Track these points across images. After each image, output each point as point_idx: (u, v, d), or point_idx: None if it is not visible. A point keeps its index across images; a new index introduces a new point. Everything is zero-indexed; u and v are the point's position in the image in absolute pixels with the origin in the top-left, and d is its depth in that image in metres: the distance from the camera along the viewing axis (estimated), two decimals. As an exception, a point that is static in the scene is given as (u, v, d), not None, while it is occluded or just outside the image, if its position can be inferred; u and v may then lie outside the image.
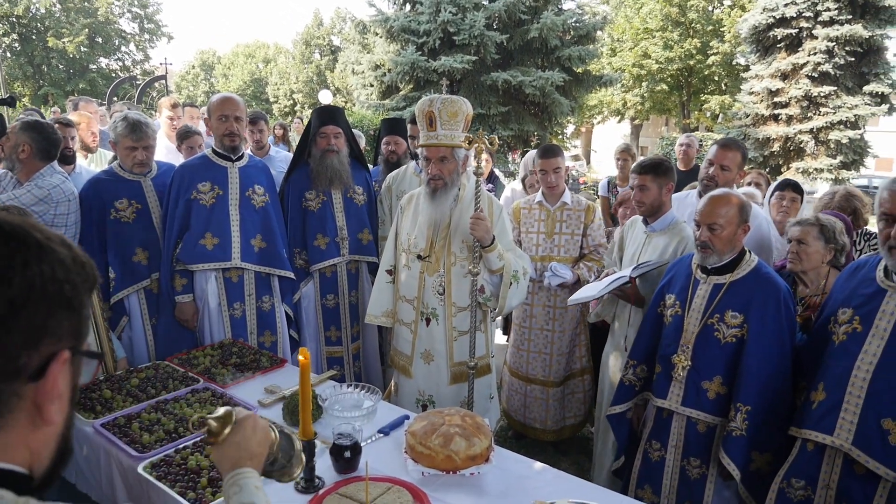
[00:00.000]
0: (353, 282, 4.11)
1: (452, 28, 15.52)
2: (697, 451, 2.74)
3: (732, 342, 2.61)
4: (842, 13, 14.81)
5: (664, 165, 3.32)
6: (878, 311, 2.19)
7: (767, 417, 2.53)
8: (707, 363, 2.67)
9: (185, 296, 3.53)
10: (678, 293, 2.82)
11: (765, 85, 15.96)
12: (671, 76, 26.93)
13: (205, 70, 53.07)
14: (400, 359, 3.30)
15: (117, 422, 2.44)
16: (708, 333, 2.67)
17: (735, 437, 2.54)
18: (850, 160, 15.42)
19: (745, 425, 2.52)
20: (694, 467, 2.75)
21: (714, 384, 2.66)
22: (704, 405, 2.68)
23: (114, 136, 3.50)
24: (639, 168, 3.36)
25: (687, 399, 2.72)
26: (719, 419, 2.67)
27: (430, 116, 2.96)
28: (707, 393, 2.67)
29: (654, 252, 3.30)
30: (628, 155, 6.07)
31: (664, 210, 3.32)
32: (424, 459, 2.16)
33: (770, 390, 2.53)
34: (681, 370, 2.73)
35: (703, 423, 2.71)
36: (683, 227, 3.27)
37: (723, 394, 2.65)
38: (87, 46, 31.74)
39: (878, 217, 2.19)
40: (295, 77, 42.44)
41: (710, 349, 2.66)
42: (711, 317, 2.66)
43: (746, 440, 2.53)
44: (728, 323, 2.62)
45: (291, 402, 2.50)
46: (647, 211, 3.34)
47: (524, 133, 16.54)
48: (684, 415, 2.74)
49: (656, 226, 3.33)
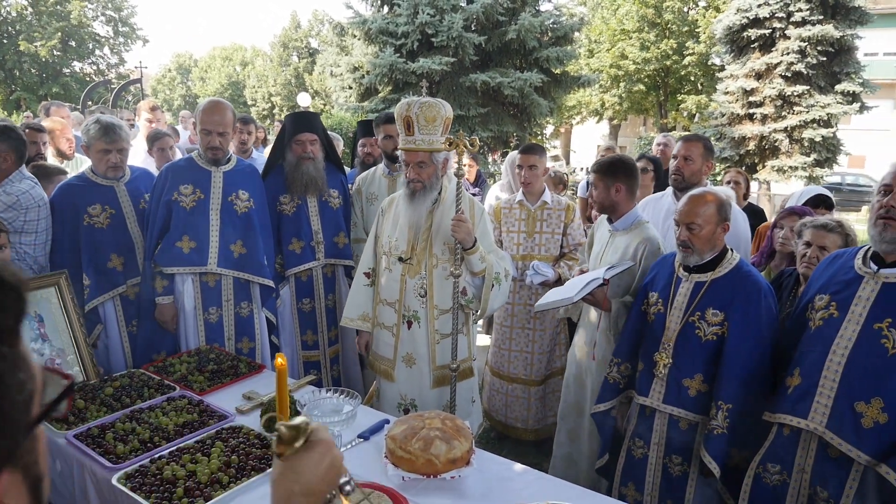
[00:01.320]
0: (330, 285, 4.09)
1: (430, 30, 15.49)
2: (679, 448, 2.76)
3: (713, 340, 2.63)
4: (813, 14, 15.03)
5: (615, 165, 3.25)
6: (854, 296, 2.22)
7: (747, 414, 2.55)
8: (688, 361, 2.69)
9: (166, 297, 3.48)
10: (661, 291, 2.84)
11: (739, 84, 16.14)
12: (648, 77, 27.17)
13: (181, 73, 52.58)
14: (381, 363, 3.28)
15: (91, 432, 2.40)
16: (689, 331, 2.69)
17: (716, 435, 2.56)
18: (824, 158, 15.64)
19: (726, 423, 2.54)
20: (676, 465, 2.77)
21: (695, 382, 2.68)
22: (685, 403, 2.71)
23: (86, 139, 3.45)
24: (594, 167, 3.42)
25: (668, 396, 2.74)
26: (700, 417, 2.69)
27: (408, 121, 2.95)
28: (688, 391, 2.70)
29: (615, 252, 3.23)
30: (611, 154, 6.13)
31: (620, 210, 3.25)
32: (405, 464, 2.14)
33: (750, 389, 2.55)
34: (662, 368, 2.76)
35: (684, 420, 2.73)
36: (646, 228, 3.21)
37: (703, 391, 2.67)
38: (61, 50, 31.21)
39: (876, 191, 2.21)
40: (273, 80, 42.15)
41: (691, 347, 2.68)
42: (692, 315, 2.69)
43: (727, 438, 2.54)
44: (709, 321, 2.64)
45: (269, 409, 2.48)
46: (599, 209, 3.33)
47: (503, 134, 16.56)
48: (666, 412, 2.77)
49: (619, 225, 3.27)
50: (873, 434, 2.09)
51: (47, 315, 2.88)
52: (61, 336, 2.90)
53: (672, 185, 3.76)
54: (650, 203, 3.97)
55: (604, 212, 3.31)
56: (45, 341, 2.85)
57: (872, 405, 2.10)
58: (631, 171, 3.24)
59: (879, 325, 2.13)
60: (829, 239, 2.88)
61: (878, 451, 2.08)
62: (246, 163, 3.83)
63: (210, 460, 2.18)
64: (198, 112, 3.50)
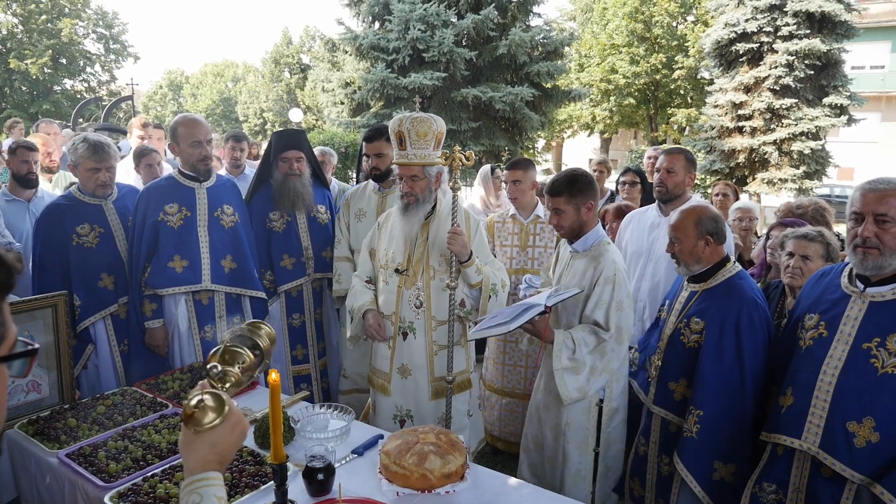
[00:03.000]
0: (318, 299, 4.16)
1: (422, 45, 15.61)
2: (668, 449, 2.86)
3: (694, 347, 2.73)
4: (800, 28, 15.24)
5: (579, 182, 2.95)
6: (842, 316, 2.23)
7: (722, 425, 2.59)
8: (674, 365, 2.83)
9: (156, 321, 3.46)
10: (670, 298, 3.04)
11: (729, 98, 16.32)
12: (638, 90, 27.42)
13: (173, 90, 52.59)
14: (378, 377, 3.27)
15: (83, 451, 2.38)
16: (675, 337, 2.83)
17: (686, 437, 2.68)
18: (813, 170, 15.80)
19: (696, 428, 2.63)
20: (665, 464, 2.90)
21: (680, 386, 2.81)
22: (670, 406, 2.84)
23: (74, 158, 3.41)
24: (549, 188, 3.01)
25: (658, 398, 2.90)
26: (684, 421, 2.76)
27: (401, 136, 2.98)
28: (674, 394, 2.83)
29: (573, 277, 3.04)
30: (604, 167, 6.15)
31: (587, 229, 3.00)
32: (399, 479, 2.14)
33: (723, 397, 2.60)
34: (653, 370, 2.92)
35: (673, 423, 2.86)
36: (605, 251, 2.94)
37: (688, 396, 2.76)
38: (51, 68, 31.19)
39: (847, 217, 2.23)
40: (265, 96, 42.24)
41: (676, 352, 2.81)
42: (681, 321, 2.81)
43: (699, 445, 2.62)
44: (692, 328, 2.76)
45: (263, 425, 2.46)
46: (567, 235, 3.05)
47: (495, 148, 16.65)
48: (660, 415, 2.90)
49: (577, 246, 3.04)
50: (866, 453, 2.09)
51: (38, 336, 2.86)
52: (48, 357, 2.88)
53: (656, 198, 3.83)
54: (635, 216, 4.01)
55: (570, 235, 3.02)
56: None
57: (864, 425, 2.11)
58: (593, 183, 3.01)
59: (868, 345, 2.14)
60: (811, 248, 2.93)
61: (871, 471, 2.08)
62: (225, 177, 3.85)
63: (203, 478, 2.16)
64: (177, 131, 3.43)
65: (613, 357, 2.89)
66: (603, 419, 3.03)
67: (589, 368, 2.88)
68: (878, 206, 2.10)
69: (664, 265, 3.68)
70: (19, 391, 2.78)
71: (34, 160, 4.33)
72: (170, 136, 3.55)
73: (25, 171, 4.23)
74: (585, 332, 2.89)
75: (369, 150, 3.95)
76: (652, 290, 3.73)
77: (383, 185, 4.01)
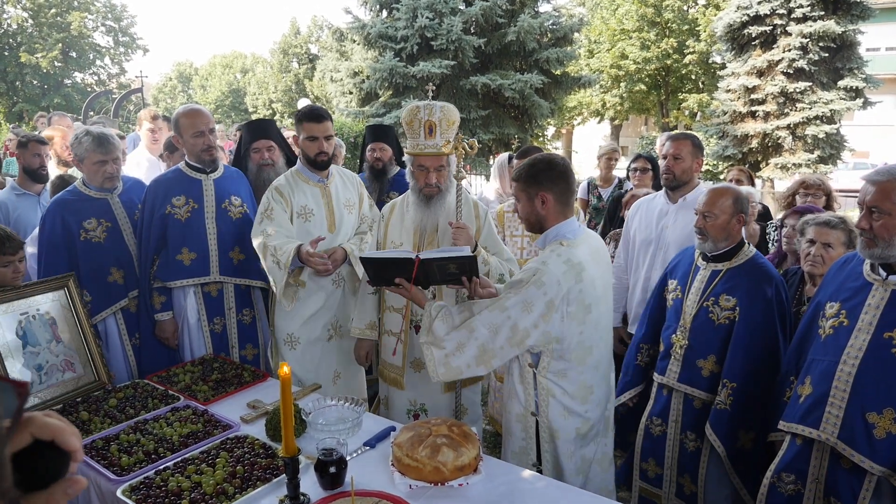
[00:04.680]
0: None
1: (430, 33, 15.50)
2: (693, 425, 2.95)
3: (725, 324, 2.81)
4: (814, 9, 14.96)
5: (534, 169, 2.49)
6: (863, 304, 2.19)
7: (751, 395, 2.71)
8: (702, 343, 2.88)
9: (165, 313, 3.46)
10: (680, 278, 3.06)
11: (741, 82, 16.08)
12: (649, 76, 27.13)
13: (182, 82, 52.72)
14: (391, 371, 3.25)
15: (95, 444, 2.38)
16: (703, 315, 2.88)
17: (719, 410, 2.77)
18: (828, 154, 15.56)
19: (729, 401, 2.74)
20: (690, 440, 2.97)
21: (708, 363, 2.87)
22: (698, 382, 2.90)
23: (79, 152, 3.38)
24: (513, 174, 2.63)
25: (683, 376, 2.95)
26: (712, 396, 2.86)
27: (430, 125, 2.90)
28: (702, 371, 2.89)
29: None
30: (615, 155, 6.05)
31: (546, 224, 2.52)
32: (412, 472, 2.12)
33: (754, 370, 2.73)
34: (679, 349, 2.95)
35: (698, 399, 2.92)
36: (550, 254, 2.41)
37: (716, 372, 2.85)
38: (61, 61, 31.34)
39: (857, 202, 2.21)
40: (273, 86, 42.23)
41: (705, 330, 2.87)
42: (707, 300, 2.88)
43: (729, 415, 2.74)
44: (722, 305, 2.83)
45: (274, 418, 2.45)
46: (528, 229, 2.65)
47: (505, 136, 16.54)
48: (682, 391, 2.96)
49: (539, 242, 2.60)
50: (886, 444, 2.06)
51: (59, 317, 2.89)
52: (73, 337, 2.91)
53: (664, 184, 3.79)
54: (643, 204, 3.95)
55: (532, 230, 2.61)
56: (60, 342, 2.86)
57: (885, 415, 2.07)
58: (558, 174, 2.47)
59: (889, 334, 2.10)
60: (833, 236, 2.89)
61: (891, 462, 2.05)
62: (233, 169, 3.82)
63: (215, 471, 2.16)
64: (180, 123, 3.42)
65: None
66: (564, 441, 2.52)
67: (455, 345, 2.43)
68: (870, 197, 2.12)
69: (674, 253, 3.62)
70: (55, 370, 2.81)
71: (46, 154, 4.34)
72: (173, 128, 3.54)
73: (38, 165, 4.23)
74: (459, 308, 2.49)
75: (312, 131, 3.32)
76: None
77: (320, 174, 3.39)
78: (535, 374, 2.46)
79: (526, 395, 2.51)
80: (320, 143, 3.28)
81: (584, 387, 2.46)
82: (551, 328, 2.34)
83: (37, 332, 2.80)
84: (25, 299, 2.81)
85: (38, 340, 2.79)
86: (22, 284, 2.91)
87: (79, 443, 0.78)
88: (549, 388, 2.44)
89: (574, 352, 2.41)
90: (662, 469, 3.09)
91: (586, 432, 2.50)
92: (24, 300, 2.81)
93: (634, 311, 3.91)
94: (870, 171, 2.20)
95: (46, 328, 2.84)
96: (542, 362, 2.43)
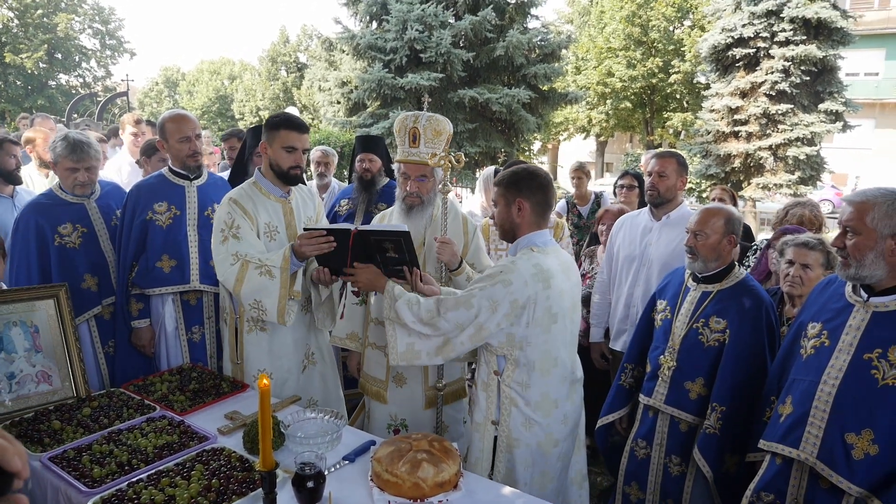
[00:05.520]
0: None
1: (419, 45, 15.58)
2: (678, 449, 2.91)
3: (715, 346, 2.79)
4: (797, 34, 15.25)
5: (517, 176, 2.54)
6: (845, 325, 2.20)
7: (739, 419, 2.68)
8: (691, 365, 2.85)
9: (142, 321, 3.39)
10: (669, 299, 3.03)
11: (725, 103, 16.31)
12: (634, 94, 27.45)
13: (168, 87, 52.37)
14: (373, 384, 3.20)
15: (66, 454, 2.32)
16: (693, 337, 2.88)
17: (708, 434, 2.73)
18: (808, 176, 15.81)
19: (718, 424, 2.71)
20: (675, 465, 2.92)
21: (696, 385, 2.84)
22: (685, 405, 2.86)
23: (53, 156, 3.34)
24: (496, 179, 2.68)
25: (670, 398, 2.91)
26: (699, 419, 2.83)
27: (415, 133, 2.89)
28: (689, 393, 2.85)
29: None
30: (582, 173, 6.06)
31: (519, 232, 2.55)
32: (391, 487, 2.09)
33: (743, 393, 2.69)
34: (666, 370, 2.92)
35: (684, 422, 2.89)
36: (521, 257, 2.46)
37: (703, 395, 2.82)
38: (46, 62, 31.05)
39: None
40: (261, 94, 42.10)
41: (694, 351, 2.84)
42: (697, 321, 2.85)
43: (718, 439, 2.70)
44: (712, 328, 2.81)
45: (252, 430, 2.40)
46: (501, 234, 2.64)
47: (491, 150, 16.62)
48: (668, 413, 2.92)
49: (512, 249, 2.62)
50: (864, 466, 2.06)
51: (43, 327, 2.83)
52: (55, 349, 2.85)
53: (648, 201, 3.81)
54: (627, 220, 3.98)
55: (506, 237, 2.61)
56: (39, 352, 2.80)
57: (863, 436, 2.08)
58: (538, 185, 2.52)
59: (869, 356, 2.11)
60: (812, 257, 2.92)
61: (870, 484, 2.05)
62: (217, 176, 3.79)
63: (190, 484, 2.11)
64: (165, 128, 3.38)
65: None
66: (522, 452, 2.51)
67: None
68: (846, 217, 2.17)
69: (657, 270, 3.65)
70: (29, 381, 2.74)
71: (19, 155, 4.28)
72: (158, 133, 3.50)
73: (13, 167, 4.17)
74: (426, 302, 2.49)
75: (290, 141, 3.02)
76: (645, 296, 3.68)
77: (284, 188, 3.10)
78: (498, 381, 2.50)
79: (488, 402, 2.56)
80: (297, 156, 2.99)
81: (547, 399, 2.48)
82: (515, 330, 2.40)
83: (15, 339, 2.74)
84: (10, 304, 2.75)
85: (15, 348, 2.73)
86: (11, 290, 2.86)
87: (22, 463, 0.79)
88: (511, 398, 2.48)
89: (538, 361, 2.44)
90: (645, 494, 3.03)
91: (549, 448, 2.50)
92: (10, 304, 2.75)
93: (617, 326, 3.92)
94: (850, 192, 2.24)
95: (27, 336, 2.78)
96: (506, 371, 2.49)
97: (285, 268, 2.79)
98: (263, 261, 2.81)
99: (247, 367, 3.08)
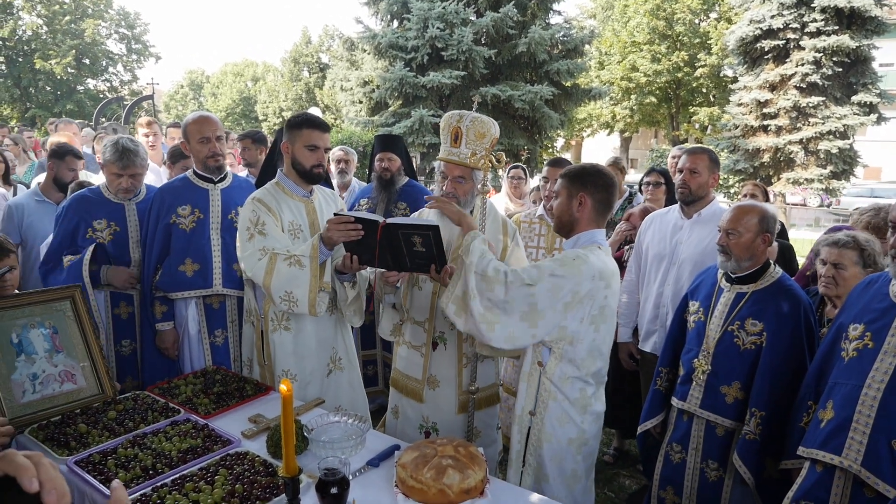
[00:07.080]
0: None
1: (440, 43, 15.55)
2: (715, 453, 2.84)
3: (751, 349, 2.71)
4: (828, 24, 14.93)
5: (585, 170, 2.56)
6: (890, 326, 2.10)
7: (779, 424, 2.60)
8: (726, 368, 2.76)
9: (166, 323, 3.40)
10: (702, 300, 2.94)
11: (753, 96, 16.04)
12: (659, 89, 27.14)
13: (193, 89, 53.12)
14: (410, 382, 3.13)
15: (92, 458, 2.31)
16: (728, 340, 2.77)
17: (748, 440, 2.64)
18: (840, 170, 15.49)
19: (758, 430, 2.61)
20: (712, 469, 2.86)
21: (732, 389, 2.76)
22: (721, 409, 2.79)
23: (102, 159, 3.45)
24: (562, 172, 2.65)
25: (705, 402, 2.83)
26: (736, 423, 2.75)
27: (457, 132, 2.82)
28: (725, 398, 2.78)
29: None
30: (616, 169, 5.96)
31: (579, 230, 2.53)
32: (416, 494, 2.04)
33: (783, 398, 2.60)
34: (701, 374, 2.85)
35: (721, 426, 2.81)
36: (591, 252, 2.42)
37: (741, 399, 2.74)
38: (75, 68, 31.67)
39: (891, 224, 2.15)
40: (284, 95, 42.48)
41: (729, 355, 2.76)
42: (732, 324, 2.77)
43: (759, 445, 2.62)
44: (748, 330, 2.72)
45: (276, 434, 2.37)
46: (557, 226, 2.63)
47: (514, 147, 16.53)
48: (704, 418, 2.85)
49: (566, 245, 2.60)
50: None
51: (62, 327, 2.85)
52: (76, 348, 2.86)
53: (679, 199, 3.69)
54: (656, 218, 3.87)
55: (561, 230, 2.59)
56: (60, 352, 2.81)
57: None
58: (604, 184, 2.50)
59: None
60: (846, 256, 2.78)
61: None
62: (241, 178, 3.78)
63: (214, 489, 2.09)
64: (187, 129, 3.41)
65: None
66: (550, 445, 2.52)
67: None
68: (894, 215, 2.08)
69: (688, 269, 3.54)
70: (52, 381, 2.75)
71: (78, 168, 4.37)
72: (182, 135, 3.51)
73: (70, 179, 4.25)
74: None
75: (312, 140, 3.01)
76: (675, 296, 3.58)
77: (307, 188, 3.08)
78: (540, 373, 2.50)
79: (528, 393, 2.54)
80: (320, 155, 2.98)
81: (584, 397, 2.49)
82: (569, 324, 2.38)
83: (34, 341, 2.75)
84: (26, 307, 2.76)
85: (35, 350, 2.74)
86: (25, 293, 2.87)
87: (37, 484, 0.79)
88: (551, 391, 2.47)
89: (583, 358, 2.44)
90: (681, 499, 2.96)
91: (580, 445, 2.51)
92: (25, 308, 2.76)
93: (646, 327, 3.83)
94: None
95: (47, 338, 2.79)
96: (549, 363, 2.47)
97: (314, 256, 2.77)
98: (292, 252, 2.80)
99: (275, 367, 3.07)
